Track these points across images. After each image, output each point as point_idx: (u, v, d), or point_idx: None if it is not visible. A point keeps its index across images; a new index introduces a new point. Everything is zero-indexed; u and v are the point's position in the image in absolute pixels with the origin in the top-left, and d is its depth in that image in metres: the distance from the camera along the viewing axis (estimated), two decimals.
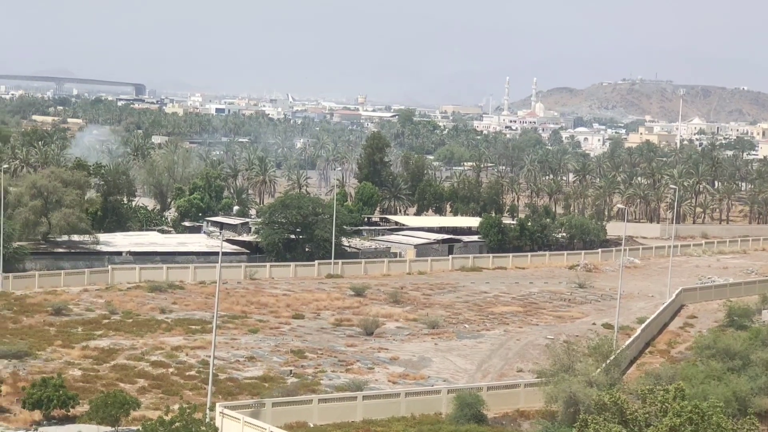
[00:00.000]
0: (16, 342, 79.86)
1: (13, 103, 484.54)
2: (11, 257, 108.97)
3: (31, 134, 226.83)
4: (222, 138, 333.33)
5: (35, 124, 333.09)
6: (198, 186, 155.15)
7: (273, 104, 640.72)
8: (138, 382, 71.82)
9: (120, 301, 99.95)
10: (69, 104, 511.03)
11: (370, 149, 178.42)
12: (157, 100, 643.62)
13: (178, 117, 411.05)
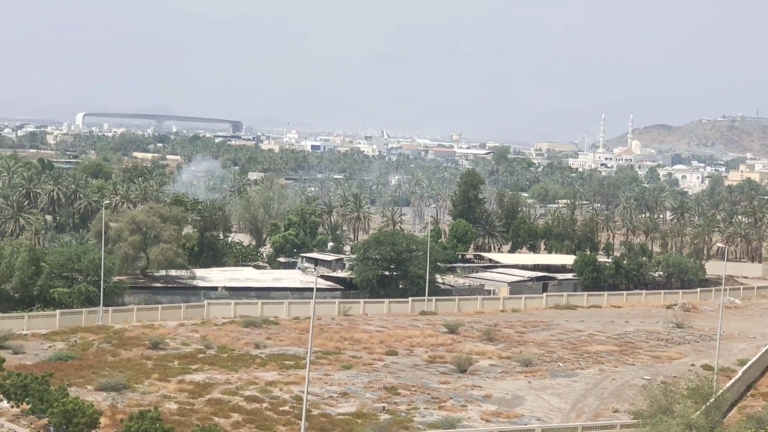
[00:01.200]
0: (114, 375, 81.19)
1: (115, 141, 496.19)
2: (111, 291, 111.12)
3: (131, 171, 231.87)
4: (317, 174, 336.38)
5: (136, 160, 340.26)
6: (293, 222, 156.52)
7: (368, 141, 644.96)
8: (232, 416, 72.37)
9: (215, 336, 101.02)
10: (168, 141, 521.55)
11: (464, 186, 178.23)
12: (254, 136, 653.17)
13: (274, 153, 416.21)
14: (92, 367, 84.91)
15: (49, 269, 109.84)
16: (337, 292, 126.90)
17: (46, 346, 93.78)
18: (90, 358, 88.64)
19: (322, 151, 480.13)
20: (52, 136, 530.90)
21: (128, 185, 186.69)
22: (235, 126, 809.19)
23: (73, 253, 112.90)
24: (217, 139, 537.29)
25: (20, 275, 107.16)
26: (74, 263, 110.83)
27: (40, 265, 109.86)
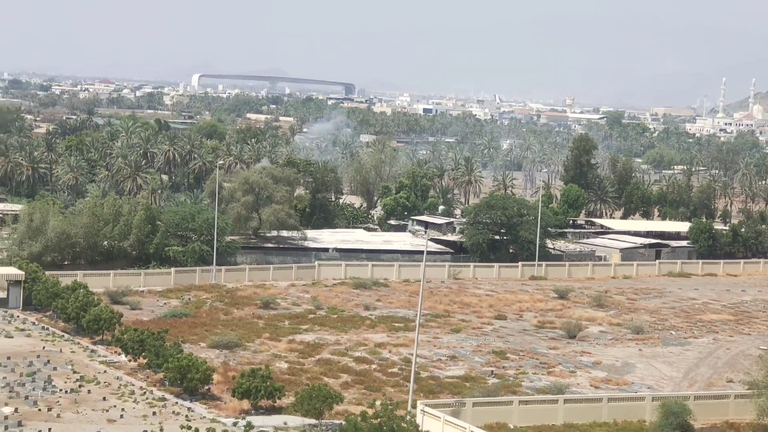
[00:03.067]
0: (227, 333, 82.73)
1: (229, 102, 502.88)
2: (224, 251, 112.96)
3: (245, 132, 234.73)
4: (429, 138, 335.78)
5: (249, 122, 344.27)
6: (404, 185, 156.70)
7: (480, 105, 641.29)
8: (341, 377, 73.08)
9: (325, 297, 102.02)
10: (281, 103, 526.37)
11: (577, 151, 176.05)
12: (366, 99, 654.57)
13: (386, 116, 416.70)
14: (205, 324, 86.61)
15: (165, 228, 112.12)
16: (447, 255, 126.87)
17: (161, 303, 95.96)
18: (203, 316, 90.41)
19: (434, 115, 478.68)
20: (168, 97, 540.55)
21: (242, 146, 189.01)
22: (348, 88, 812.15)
23: (188, 212, 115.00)
24: (330, 101, 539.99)
25: (137, 233, 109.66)
26: (188, 222, 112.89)
27: (156, 223, 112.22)
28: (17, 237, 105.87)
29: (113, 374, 70.37)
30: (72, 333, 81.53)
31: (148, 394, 66.00)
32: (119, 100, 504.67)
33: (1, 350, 74.33)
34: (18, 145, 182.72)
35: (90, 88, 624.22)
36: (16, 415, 60.27)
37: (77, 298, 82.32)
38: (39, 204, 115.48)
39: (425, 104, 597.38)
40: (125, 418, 61.01)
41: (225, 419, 61.73)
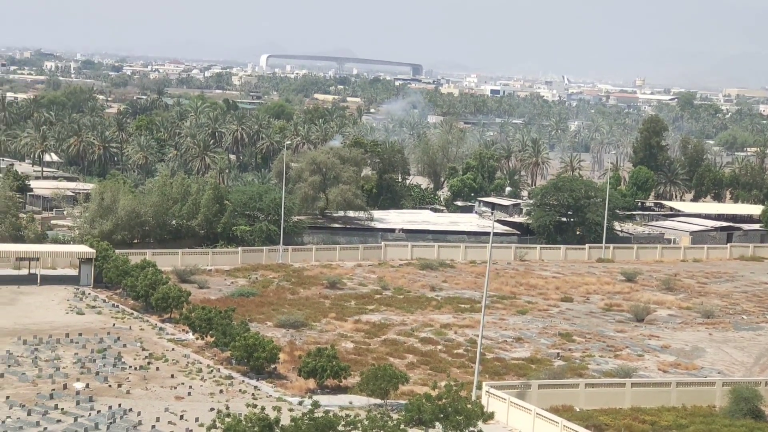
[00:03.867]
0: (293, 312, 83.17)
1: (297, 82, 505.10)
2: (291, 230, 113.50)
3: (312, 112, 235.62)
4: (496, 119, 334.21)
5: (316, 102, 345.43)
6: (471, 166, 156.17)
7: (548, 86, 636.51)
8: (407, 357, 73.12)
9: (392, 278, 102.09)
10: (349, 83, 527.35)
11: (646, 133, 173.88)
12: (434, 80, 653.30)
13: (453, 97, 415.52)
14: (272, 304, 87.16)
15: (232, 207, 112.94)
16: (514, 237, 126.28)
17: (228, 281, 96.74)
18: (270, 295, 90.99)
19: (502, 96, 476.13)
20: (237, 78, 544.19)
21: (309, 126, 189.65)
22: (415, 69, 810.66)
23: (255, 192, 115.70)
24: (397, 82, 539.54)
25: (205, 212, 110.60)
26: (256, 202, 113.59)
27: (223, 203, 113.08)
28: (89, 215, 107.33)
29: (181, 352, 71.14)
30: (141, 311, 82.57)
31: (215, 372, 66.62)
32: (188, 80, 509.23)
33: (73, 327, 75.54)
34: (90, 124, 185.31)
35: (160, 68, 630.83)
36: (88, 390, 61.23)
37: (146, 277, 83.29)
38: (110, 183, 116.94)
39: (493, 85, 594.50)
40: (192, 396, 61.66)
41: (291, 398, 62.11)
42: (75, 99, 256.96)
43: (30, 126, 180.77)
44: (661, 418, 61.57)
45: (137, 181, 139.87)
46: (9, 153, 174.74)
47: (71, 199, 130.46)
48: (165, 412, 57.90)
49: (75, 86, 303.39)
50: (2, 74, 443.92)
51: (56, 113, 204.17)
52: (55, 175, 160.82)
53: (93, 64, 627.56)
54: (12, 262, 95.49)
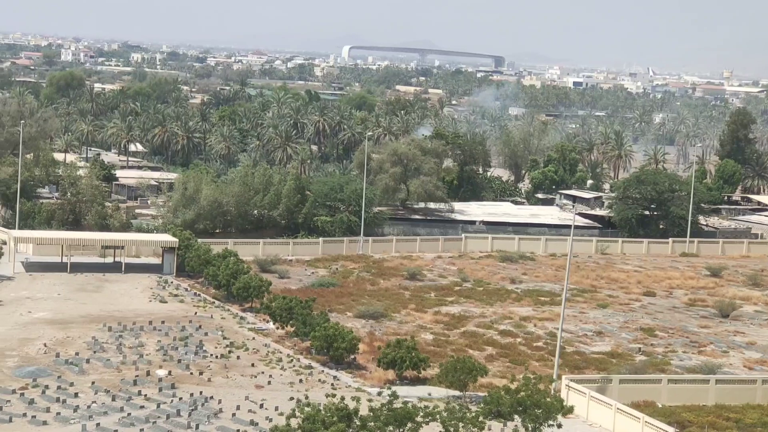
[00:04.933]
0: (373, 303, 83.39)
1: (378, 74, 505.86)
2: (371, 221, 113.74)
3: (394, 103, 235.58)
4: (578, 111, 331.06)
5: (398, 93, 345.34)
6: (552, 158, 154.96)
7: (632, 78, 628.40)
8: (486, 349, 72.86)
9: (472, 270, 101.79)
10: (430, 75, 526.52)
11: (734, 125, 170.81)
12: (516, 72, 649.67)
13: (535, 89, 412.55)
14: (352, 294, 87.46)
15: (314, 198, 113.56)
16: (595, 230, 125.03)
17: (309, 272, 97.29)
18: (350, 286, 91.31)
19: (584, 88, 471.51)
20: (319, 69, 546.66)
21: (390, 118, 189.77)
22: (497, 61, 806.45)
23: (336, 183, 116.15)
24: (479, 74, 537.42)
25: (287, 203, 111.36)
26: (337, 193, 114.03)
27: (305, 193, 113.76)
28: (172, 205, 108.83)
29: (261, 341, 71.73)
30: (222, 300, 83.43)
31: (295, 362, 67.05)
32: (271, 71, 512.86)
33: (156, 315, 76.60)
34: (174, 115, 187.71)
35: (243, 59, 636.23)
36: (170, 377, 62.06)
37: (228, 266, 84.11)
38: (193, 173, 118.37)
39: (575, 77, 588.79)
40: (272, 385, 62.14)
41: (370, 389, 62.26)
42: (160, 90, 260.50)
43: (116, 116, 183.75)
44: (745, 415, 60.49)
45: (220, 171, 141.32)
46: (96, 143, 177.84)
47: (155, 189, 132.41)
48: (245, 400, 58.46)
49: (160, 77, 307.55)
50: (90, 66, 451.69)
51: (142, 104, 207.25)
52: (139, 164, 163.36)
53: (178, 56, 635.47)
54: (98, 250, 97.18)
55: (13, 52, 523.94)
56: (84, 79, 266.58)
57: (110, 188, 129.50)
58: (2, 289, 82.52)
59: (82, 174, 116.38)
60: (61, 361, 63.94)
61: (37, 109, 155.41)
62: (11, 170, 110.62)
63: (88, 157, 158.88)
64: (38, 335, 69.62)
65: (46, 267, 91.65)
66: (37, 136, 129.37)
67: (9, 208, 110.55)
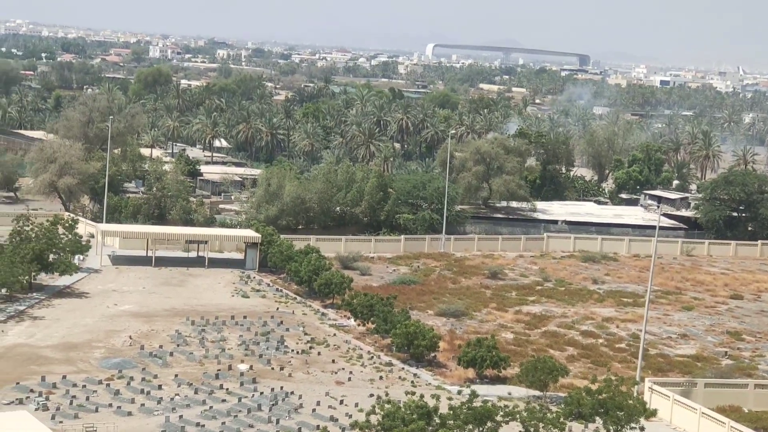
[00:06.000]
0: (454, 301, 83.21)
1: (462, 72, 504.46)
2: (454, 220, 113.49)
3: (477, 102, 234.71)
4: (665, 111, 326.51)
5: (482, 92, 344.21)
6: (637, 158, 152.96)
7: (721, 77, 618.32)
8: (567, 349, 72.26)
9: (553, 269, 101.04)
10: (514, 74, 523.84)
11: None
12: (601, 71, 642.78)
13: (620, 88, 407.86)
14: (433, 292, 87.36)
15: (396, 195, 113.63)
16: (680, 231, 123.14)
17: (390, 269, 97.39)
18: (431, 284, 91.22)
19: (671, 87, 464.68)
20: (403, 67, 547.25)
21: (474, 116, 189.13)
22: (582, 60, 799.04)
23: (419, 180, 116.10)
24: (563, 73, 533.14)
25: (369, 200, 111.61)
26: (419, 191, 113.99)
27: (387, 191, 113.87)
28: (255, 201, 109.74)
29: (342, 337, 71.99)
30: (304, 295, 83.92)
31: (376, 359, 67.18)
32: (355, 68, 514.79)
33: (239, 310, 77.35)
34: (258, 111, 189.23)
35: (327, 57, 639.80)
36: (251, 372, 62.60)
37: (310, 262, 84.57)
38: (276, 169, 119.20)
39: (662, 76, 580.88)
40: (353, 381, 62.33)
41: (450, 387, 62.14)
42: (245, 86, 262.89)
43: (202, 113, 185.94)
44: None
45: (303, 168, 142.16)
46: (182, 139, 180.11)
47: (239, 185, 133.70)
48: (325, 396, 58.74)
49: (245, 74, 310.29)
50: (177, 62, 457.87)
51: (227, 100, 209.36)
52: (224, 160, 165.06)
53: (263, 53, 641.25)
54: (182, 245, 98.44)
55: (103, 49, 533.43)
56: (171, 76, 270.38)
57: (195, 183, 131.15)
58: (90, 282, 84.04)
59: (167, 169, 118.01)
60: (146, 353, 64.91)
61: (125, 105, 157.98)
62: (99, 165, 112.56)
63: (173, 153, 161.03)
64: (124, 327, 70.77)
65: (131, 260, 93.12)
66: (125, 132, 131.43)
67: (97, 202, 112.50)
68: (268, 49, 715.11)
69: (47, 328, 69.54)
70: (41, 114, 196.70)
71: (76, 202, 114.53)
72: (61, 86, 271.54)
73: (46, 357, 63.01)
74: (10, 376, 58.69)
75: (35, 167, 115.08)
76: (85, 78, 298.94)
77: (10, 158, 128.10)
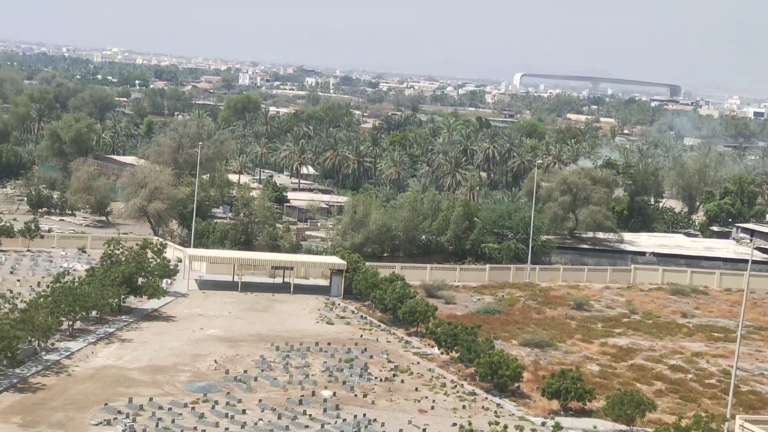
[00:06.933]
0: (539, 332, 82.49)
1: (549, 102, 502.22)
2: (539, 250, 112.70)
3: (564, 132, 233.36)
4: (759, 143, 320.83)
5: (569, 122, 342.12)
6: (729, 191, 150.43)
7: None
8: (655, 384, 71.04)
9: (641, 302, 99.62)
10: (602, 104, 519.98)
11: None
12: (692, 101, 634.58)
13: (712, 119, 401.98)
14: (517, 322, 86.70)
15: (481, 224, 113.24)
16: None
17: (475, 298, 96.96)
18: (516, 314, 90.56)
19: (766, 119, 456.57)
20: (490, 96, 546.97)
21: (561, 146, 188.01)
22: (673, 90, 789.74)
23: (505, 210, 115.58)
24: (653, 103, 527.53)
25: (455, 229, 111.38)
26: (505, 220, 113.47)
27: (473, 220, 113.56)
28: (341, 228, 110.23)
29: (426, 366, 71.74)
30: (388, 323, 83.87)
31: (459, 388, 66.79)
32: (442, 97, 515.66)
33: (323, 336, 77.57)
34: (346, 139, 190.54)
35: (415, 85, 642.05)
36: (335, 398, 62.66)
37: (394, 290, 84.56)
38: (362, 197, 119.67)
39: (756, 107, 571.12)
40: (436, 410, 62.02)
41: (533, 418, 61.49)
42: (332, 114, 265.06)
43: (289, 139, 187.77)
44: None
45: (389, 196, 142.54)
46: (269, 165, 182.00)
47: (325, 211, 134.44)
48: (408, 424, 58.51)
49: (333, 102, 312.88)
50: (266, 89, 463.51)
51: (314, 127, 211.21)
52: (310, 187, 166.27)
53: (351, 81, 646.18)
54: (268, 271, 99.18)
55: (195, 76, 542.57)
56: (259, 103, 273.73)
57: (281, 210, 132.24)
58: (177, 306, 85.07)
59: (255, 195, 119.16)
60: (230, 377, 65.38)
61: (214, 131, 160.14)
62: (188, 190, 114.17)
63: (261, 179, 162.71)
64: (209, 352, 71.42)
65: (218, 285, 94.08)
66: (214, 158, 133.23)
67: (185, 226, 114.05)
68: (356, 77, 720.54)
69: (135, 350, 70.52)
70: (133, 140, 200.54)
71: (165, 226, 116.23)
72: (153, 112, 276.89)
73: (134, 379, 63.84)
74: (98, 397, 59.58)
75: (126, 192, 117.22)
76: (176, 104, 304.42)
77: (102, 183, 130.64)
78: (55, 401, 58.55)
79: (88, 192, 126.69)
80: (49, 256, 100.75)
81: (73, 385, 61.74)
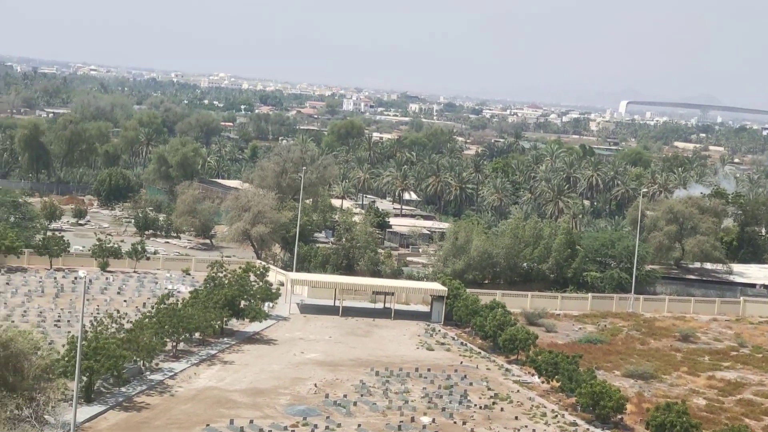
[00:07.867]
0: (642, 363, 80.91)
1: (656, 129, 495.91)
2: (643, 279, 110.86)
3: (671, 160, 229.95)
4: None
5: (676, 150, 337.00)
6: None
7: None
8: (764, 419, 69.03)
9: (750, 335, 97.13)
10: (712, 132, 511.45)
11: None
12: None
13: None
14: (620, 353, 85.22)
15: (584, 253, 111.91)
16: None
17: (576, 327, 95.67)
18: (618, 344, 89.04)
19: None
20: (594, 123, 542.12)
21: (667, 174, 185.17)
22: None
23: (608, 238, 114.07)
24: (765, 132, 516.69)
25: (556, 257, 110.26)
26: (608, 249, 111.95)
27: (575, 248, 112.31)
28: (442, 254, 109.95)
29: (526, 394, 70.90)
30: (488, 350, 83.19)
31: (560, 418, 65.81)
32: (546, 124, 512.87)
33: (423, 362, 77.26)
34: (448, 165, 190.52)
35: (518, 112, 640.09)
36: (434, 425, 62.23)
37: (495, 317, 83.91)
38: (464, 223, 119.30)
39: None
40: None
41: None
42: (435, 140, 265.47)
43: (392, 165, 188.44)
44: None
45: (491, 223, 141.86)
46: (372, 190, 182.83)
47: (426, 237, 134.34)
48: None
49: (436, 128, 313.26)
50: (370, 115, 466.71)
51: (417, 153, 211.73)
52: (412, 213, 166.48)
53: (454, 107, 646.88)
54: (369, 296, 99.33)
55: (299, 102, 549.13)
56: (363, 128, 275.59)
57: (383, 235, 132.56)
58: (278, 329, 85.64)
59: (357, 220, 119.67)
60: (330, 402, 65.44)
61: (317, 156, 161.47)
62: (291, 214, 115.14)
63: (363, 204, 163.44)
64: (309, 375, 71.66)
65: (319, 309, 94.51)
66: (317, 182, 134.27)
67: (287, 250, 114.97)
68: (459, 103, 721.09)
69: (236, 372, 71.12)
70: (238, 164, 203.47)
71: (268, 250, 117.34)
72: (258, 137, 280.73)
73: (235, 401, 64.34)
74: (200, 418, 60.17)
75: (230, 215, 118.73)
76: (280, 129, 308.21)
77: (207, 206, 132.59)
78: (159, 420, 59.31)
79: (193, 215, 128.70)
80: (154, 278, 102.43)
81: (176, 405, 62.49)
